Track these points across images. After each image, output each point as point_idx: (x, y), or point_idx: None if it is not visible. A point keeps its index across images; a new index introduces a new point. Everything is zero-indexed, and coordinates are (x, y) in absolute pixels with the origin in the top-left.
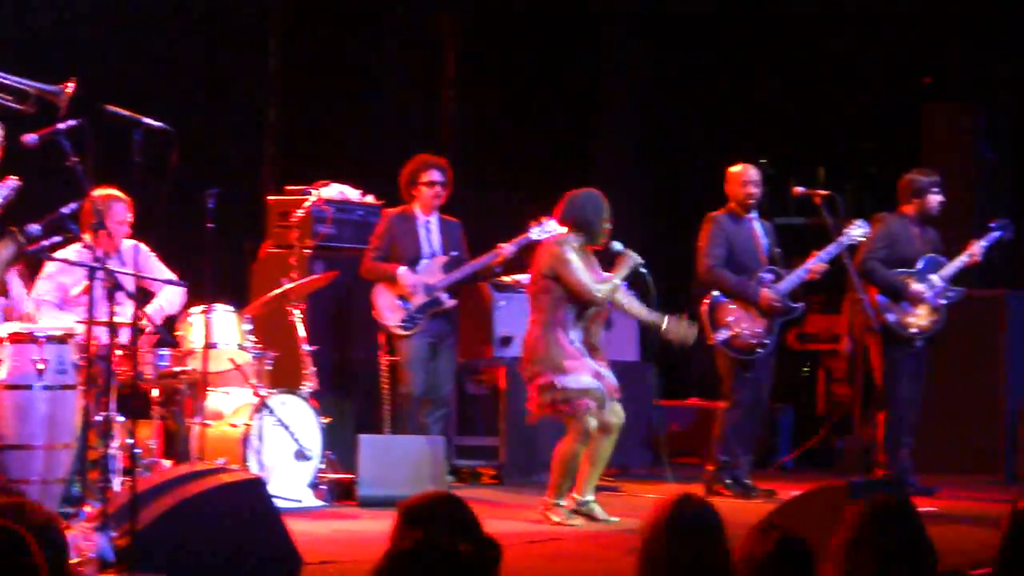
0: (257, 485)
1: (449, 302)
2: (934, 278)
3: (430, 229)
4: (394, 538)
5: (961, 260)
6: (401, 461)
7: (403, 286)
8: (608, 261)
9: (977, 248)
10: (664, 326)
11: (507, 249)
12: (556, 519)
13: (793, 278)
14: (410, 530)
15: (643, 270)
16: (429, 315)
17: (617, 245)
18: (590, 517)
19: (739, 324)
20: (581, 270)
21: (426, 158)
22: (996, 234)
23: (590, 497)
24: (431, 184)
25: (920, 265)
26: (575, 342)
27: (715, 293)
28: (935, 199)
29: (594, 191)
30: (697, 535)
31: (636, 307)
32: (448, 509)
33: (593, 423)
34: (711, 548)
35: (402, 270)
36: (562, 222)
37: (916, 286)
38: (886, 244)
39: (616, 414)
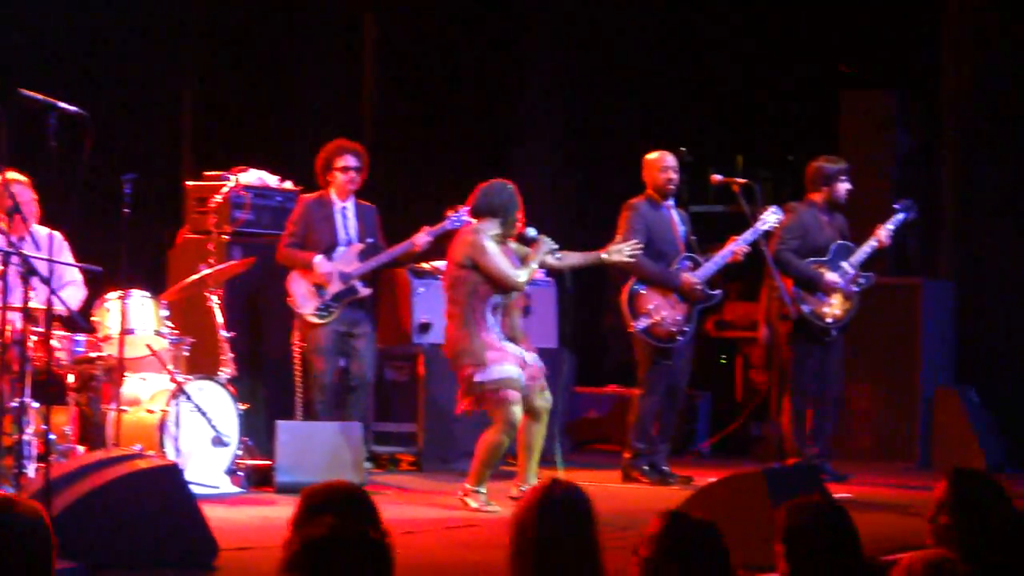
0: (173, 471)
1: (364, 291)
2: (845, 265)
3: (346, 215)
4: (298, 525)
5: (870, 245)
6: (319, 448)
7: (319, 274)
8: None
9: (884, 231)
10: (605, 256)
11: (423, 237)
12: (474, 505)
13: (711, 265)
14: (317, 517)
15: (557, 256)
16: (344, 303)
17: (531, 231)
18: (487, 504)
19: (659, 312)
20: (499, 257)
21: (341, 143)
22: (901, 216)
23: (534, 482)
24: (345, 169)
25: (831, 253)
26: (495, 331)
27: (634, 281)
28: (843, 187)
29: (506, 181)
30: (566, 517)
31: (570, 257)
32: (352, 497)
33: (518, 414)
34: (580, 530)
35: (318, 258)
36: (475, 213)
37: (830, 275)
38: (798, 235)
39: (544, 399)
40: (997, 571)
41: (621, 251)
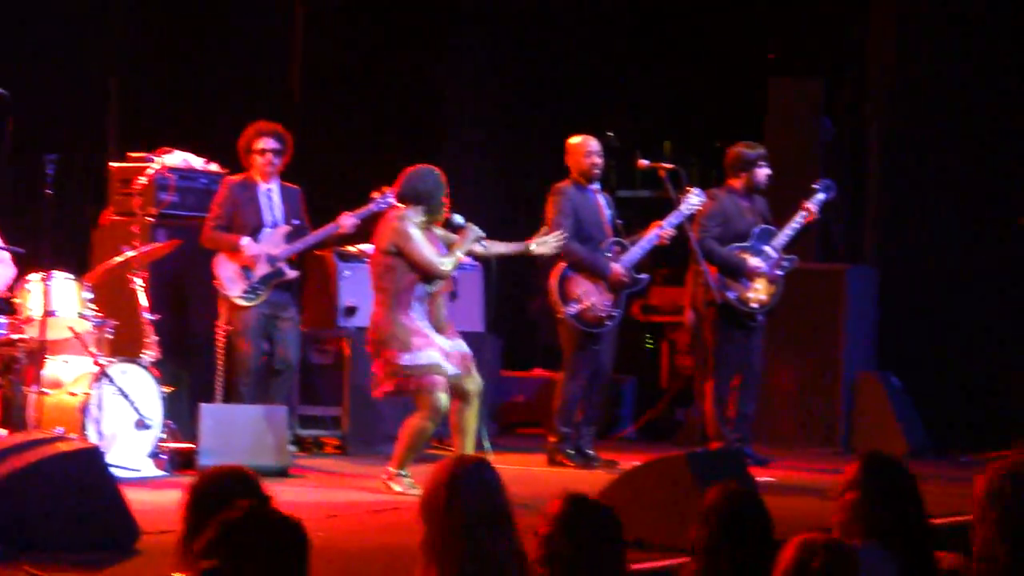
0: (95, 455)
1: (291, 273)
2: (768, 249)
3: (271, 197)
4: (191, 514)
5: (793, 227)
6: (243, 431)
7: (245, 256)
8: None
9: (800, 216)
10: (532, 247)
11: (349, 219)
12: (398, 489)
13: (637, 250)
14: (208, 504)
15: (484, 243)
16: (271, 286)
17: (458, 218)
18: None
19: (588, 297)
20: (424, 245)
21: (260, 125)
22: (820, 195)
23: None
24: (263, 152)
25: (753, 238)
26: (420, 318)
27: (564, 266)
28: (762, 172)
29: (432, 167)
30: (476, 490)
31: (497, 247)
32: (246, 482)
33: (444, 401)
34: (491, 502)
35: (245, 240)
36: (400, 198)
37: (753, 261)
38: (719, 221)
39: (474, 382)
40: (905, 551)
41: (547, 242)
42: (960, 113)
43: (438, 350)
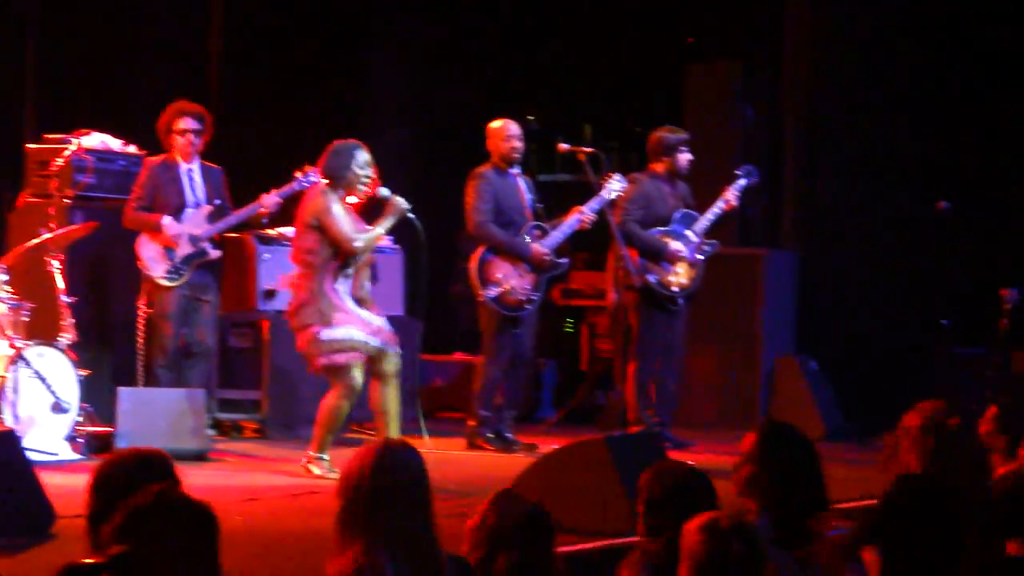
0: (11, 438)
1: (214, 253)
2: (689, 233)
3: (193, 178)
4: (97, 496)
5: (714, 212)
6: (161, 414)
7: (167, 236)
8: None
9: (730, 193)
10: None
11: (271, 198)
12: (317, 472)
13: (558, 234)
14: (114, 489)
15: (411, 215)
16: (194, 266)
17: (384, 191)
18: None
19: (508, 281)
20: (343, 219)
21: (180, 105)
22: (742, 181)
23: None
24: (184, 132)
25: (674, 222)
26: (342, 293)
27: (484, 249)
28: (684, 157)
29: (354, 142)
30: (397, 472)
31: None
32: (154, 465)
33: (358, 379)
34: (412, 484)
35: (167, 220)
36: (324, 174)
37: (674, 245)
38: (641, 205)
39: (392, 362)
40: (791, 522)
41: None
42: (877, 96)
43: (358, 326)
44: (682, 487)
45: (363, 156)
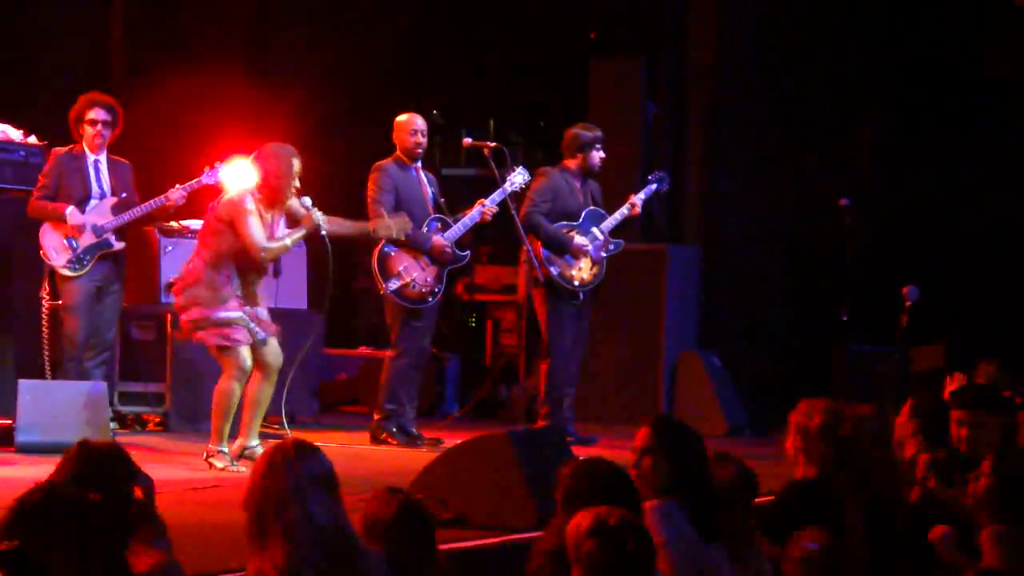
0: None
1: (117, 244)
2: (596, 231)
3: (99, 169)
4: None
5: (621, 212)
6: (62, 407)
7: (71, 226)
8: None
9: (636, 200)
10: (374, 228)
11: (177, 192)
12: (220, 465)
13: (459, 227)
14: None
15: (323, 232)
16: (97, 257)
17: (307, 201)
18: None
19: (409, 273)
20: (256, 227)
21: (92, 96)
22: (653, 186)
23: (255, 442)
24: (94, 123)
25: (582, 218)
26: (230, 286)
27: (384, 243)
28: (597, 155)
29: (289, 147)
30: (309, 470)
31: (338, 224)
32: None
33: (247, 358)
34: (327, 489)
35: (70, 210)
36: (257, 175)
37: (579, 239)
38: (548, 198)
39: (273, 354)
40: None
41: (389, 227)
42: (780, 91)
43: (244, 312)
44: (600, 480)
45: (295, 165)
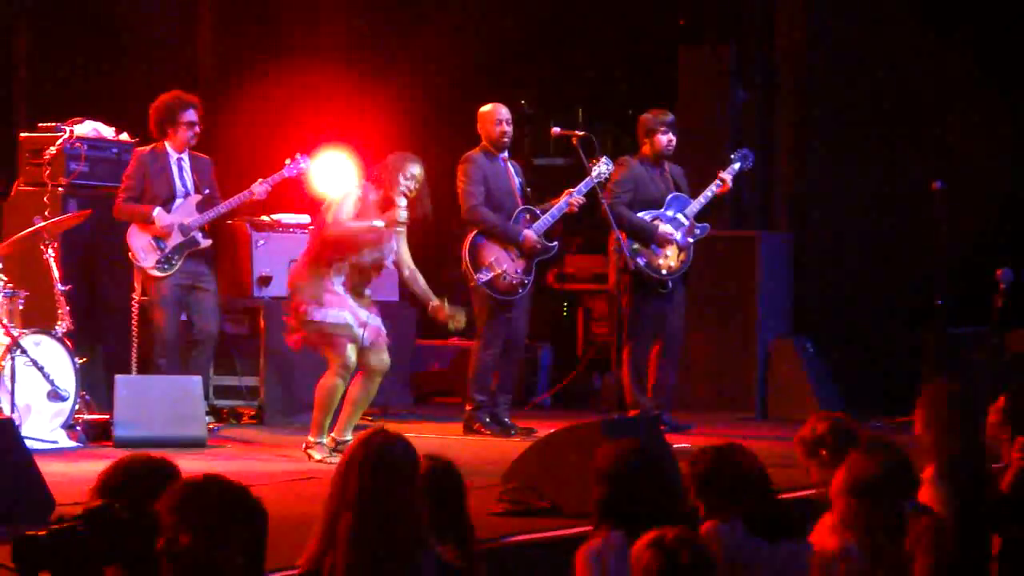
0: (8, 427)
1: (204, 241)
2: (680, 217)
3: (182, 167)
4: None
5: (706, 195)
6: (158, 402)
7: (158, 227)
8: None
9: (725, 176)
10: (433, 305)
11: (261, 186)
12: (318, 457)
13: (547, 218)
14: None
15: (400, 229)
16: (185, 255)
17: (402, 201)
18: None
19: (500, 264)
20: (344, 211)
21: (183, 97)
22: (736, 165)
23: (348, 437)
24: (190, 124)
25: (666, 205)
26: (337, 284)
27: (475, 233)
28: (663, 139)
29: (411, 155)
30: (390, 469)
31: (417, 282)
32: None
33: (353, 357)
34: (403, 481)
35: (157, 211)
36: (370, 176)
37: (664, 228)
38: (628, 188)
39: (378, 359)
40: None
41: (456, 318)
42: (869, 75)
43: (351, 313)
44: (636, 467)
45: (413, 167)
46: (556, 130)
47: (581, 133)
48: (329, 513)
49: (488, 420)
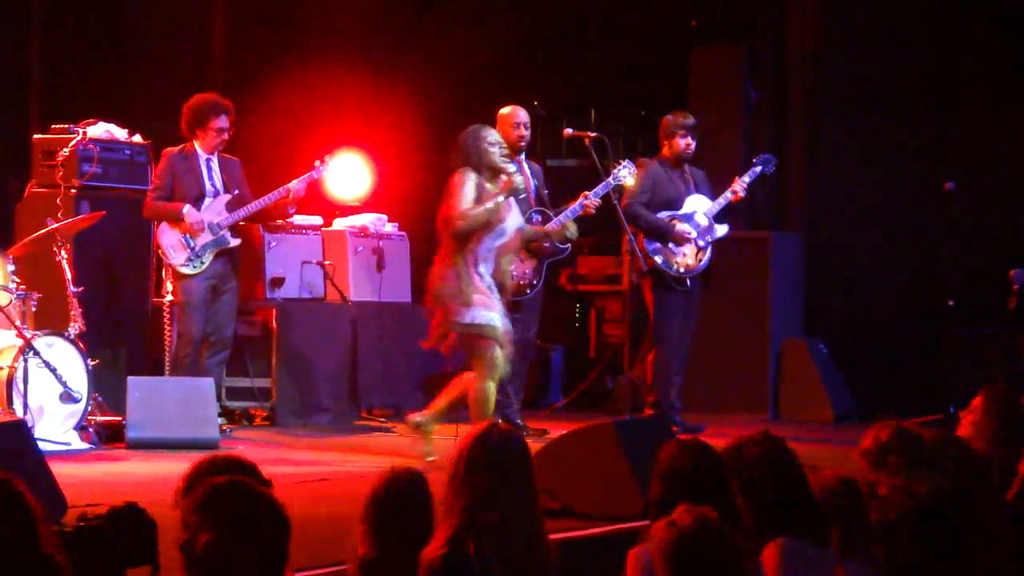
0: (21, 428)
1: (234, 241)
2: (699, 217)
3: (211, 167)
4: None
5: (725, 197)
6: (171, 403)
7: (188, 224)
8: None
9: (739, 184)
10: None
11: (293, 187)
12: (419, 436)
13: (561, 219)
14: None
15: (522, 195)
16: (214, 254)
17: (510, 167)
18: (421, 439)
19: None
20: (463, 195)
21: (218, 101)
22: (758, 168)
23: (433, 426)
24: (221, 131)
25: (685, 205)
26: (485, 276)
27: None
28: (682, 142)
29: (479, 124)
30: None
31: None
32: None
33: (500, 357)
34: (517, 473)
35: (187, 208)
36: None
37: (681, 226)
38: (647, 189)
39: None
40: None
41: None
42: (882, 75)
43: (497, 312)
44: (695, 463)
45: (489, 134)
46: (569, 131)
47: (594, 134)
48: (458, 506)
49: (501, 421)
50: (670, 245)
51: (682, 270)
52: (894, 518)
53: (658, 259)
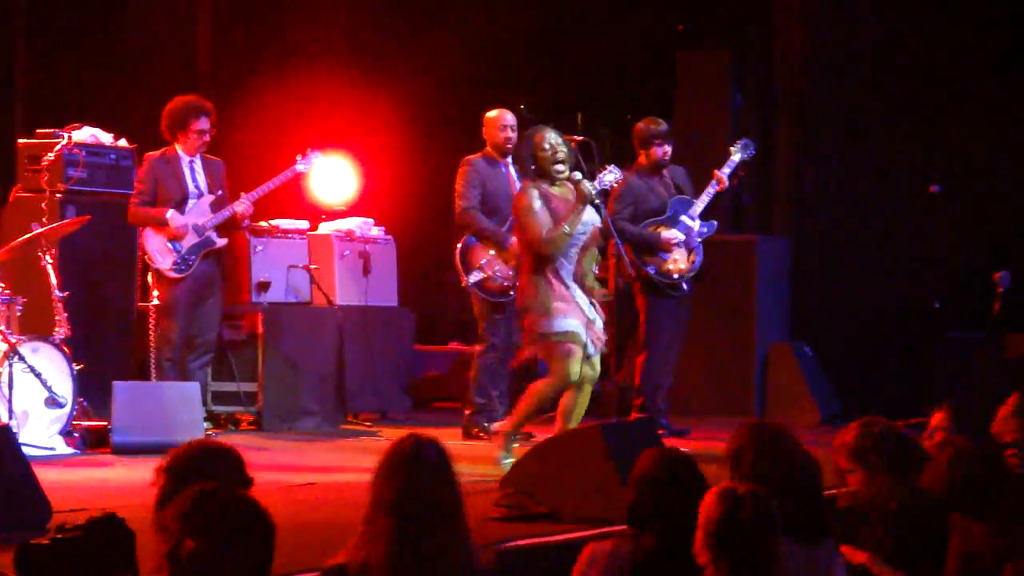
0: (5, 433)
1: (220, 241)
2: (685, 219)
3: (194, 169)
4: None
5: (708, 192)
6: (156, 408)
7: (172, 228)
8: None
9: (721, 174)
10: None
11: (273, 182)
12: (499, 455)
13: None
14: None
15: (598, 201)
16: (201, 256)
17: (576, 175)
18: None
19: (491, 267)
20: (535, 219)
21: (198, 103)
22: (735, 156)
23: (516, 441)
24: (202, 132)
25: (670, 210)
26: (564, 279)
27: (468, 236)
28: (659, 150)
29: (534, 127)
30: (426, 471)
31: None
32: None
33: (576, 370)
34: (440, 482)
35: (170, 213)
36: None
37: (666, 234)
38: (629, 202)
39: (592, 367)
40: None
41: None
42: (867, 80)
43: (579, 318)
44: (668, 472)
45: (545, 139)
46: None
47: (580, 138)
48: (368, 515)
49: (486, 425)
50: (659, 254)
51: (676, 276)
52: (874, 516)
53: (650, 270)
